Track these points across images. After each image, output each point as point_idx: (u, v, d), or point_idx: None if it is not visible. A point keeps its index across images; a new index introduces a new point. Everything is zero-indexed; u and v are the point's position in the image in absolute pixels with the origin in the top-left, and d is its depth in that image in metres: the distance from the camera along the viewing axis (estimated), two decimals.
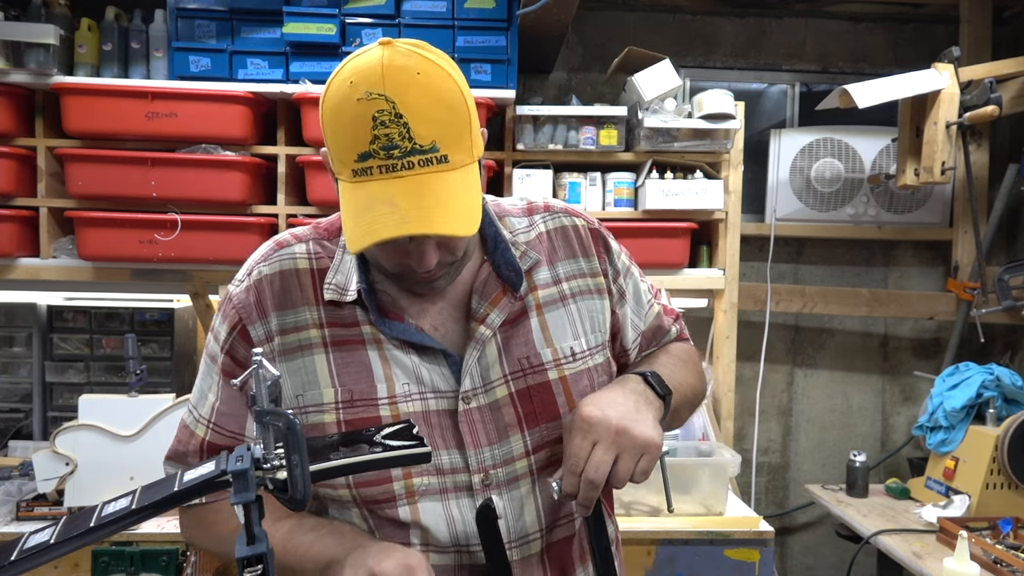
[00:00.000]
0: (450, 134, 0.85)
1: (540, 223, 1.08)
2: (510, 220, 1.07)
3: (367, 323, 0.98)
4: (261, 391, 0.71)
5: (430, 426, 0.97)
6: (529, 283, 1.03)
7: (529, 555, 1.00)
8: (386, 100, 0.83)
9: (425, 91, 0.84)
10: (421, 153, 0.84)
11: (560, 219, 1.09)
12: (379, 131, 0.83)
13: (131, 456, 2.02)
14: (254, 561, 0.68)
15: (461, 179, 0.87)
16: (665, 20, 3.04)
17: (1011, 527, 2.12)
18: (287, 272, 1.00)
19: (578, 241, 1.09)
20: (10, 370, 2.70)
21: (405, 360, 0.97)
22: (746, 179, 2.64)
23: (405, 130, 0.83)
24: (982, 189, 2.99)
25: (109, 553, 1.93)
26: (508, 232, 1.05)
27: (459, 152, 0.87)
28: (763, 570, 2.09)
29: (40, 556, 0.66)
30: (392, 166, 0.84)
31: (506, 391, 0.99)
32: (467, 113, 0.88)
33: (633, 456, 0.91)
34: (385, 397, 0.96)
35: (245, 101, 2.28)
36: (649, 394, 0.99)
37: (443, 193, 0.85)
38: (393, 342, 0.98)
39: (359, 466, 0.78)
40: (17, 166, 2.28)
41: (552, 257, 1.06)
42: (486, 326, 0.99)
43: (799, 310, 3.05)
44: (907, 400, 3.21)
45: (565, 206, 1.12)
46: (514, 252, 1.02)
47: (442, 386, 0.98)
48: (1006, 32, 3.03)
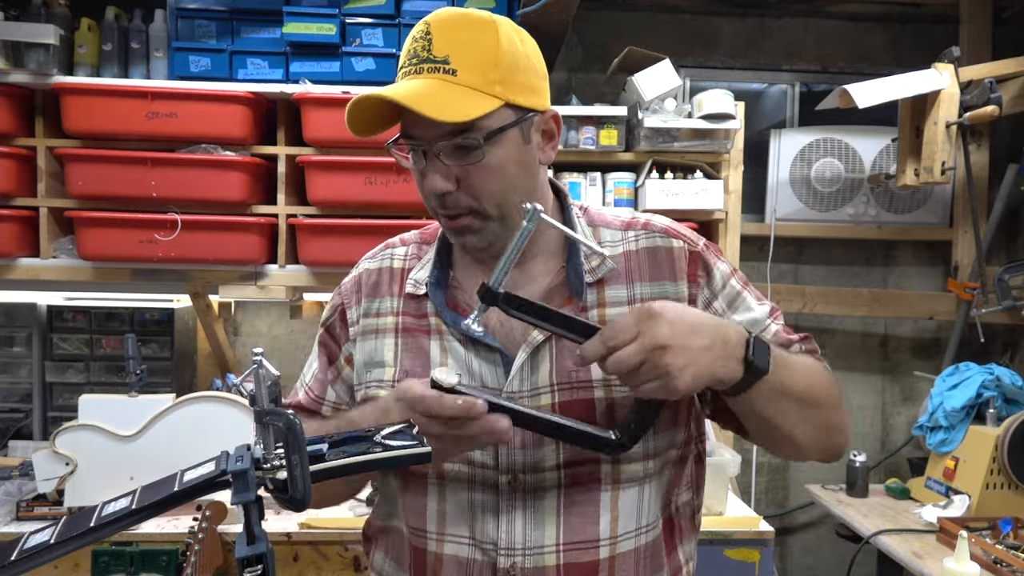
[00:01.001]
0: (468, 56, 0.94)
1: (632, 240, 1.06)
2: (604, 231, 1.08)
3: (435, 315, 1.05)
4: (261, 391, 0.71)
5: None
6: (599, 297, 1.02)
7: (542, 566, 0.99)
8: (425, 23, 0.96)
9: (459, 19, 0.96)
10: (432, 62, 0.94)
11: (655, 239, 1.06)
12: (411, 46, 0.97)
13: (131, 456, 2.02)
14: (254, 561, 0.68)
15: (462, 93, 0.93)
16: (665, 20, 3.04)
17: (1011, 527, 2.12)
18: (384, 268, 1.12)
19: (668, 263, 1.04)
20: (10, 370, 2.70)
21: (460, 352, 1.02)
22: (746, 179, 2.64)
23: (427, 43, 0.95)
24: (982, 189, 2.99)
25: (109, 553, 1.93)
26: (595, 241, 1.05)
27: (472, 74, 0.93)
28: (763, 570, 2.09)
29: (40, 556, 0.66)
30: (410, 71, 0.95)
31: (550, 400, 0.99)
32: (495, 52, 0.94)
33: (651, 374, 0.85)
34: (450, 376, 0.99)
35: (245, 101, 2.28)
36: (734, 354, 0.89)
37: (434, 90, 0.92)
38: (454, 334, 1.03)
39: (359, 466, 0.78)
40: (17, 166, 2.28)
41: (633, 276, 1.04)
42: (541, 331, 0.99)
43: (799, 310, 3.05)
44: (907, 400, 3.21)
45: (667, 226, 1.08)
46: (585, 261, 1.02)
47: (491, 382, 1.00)
48: (1006, 32, 3.03)
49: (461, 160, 0.95)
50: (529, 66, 0.98)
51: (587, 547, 0.99)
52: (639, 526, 1.02)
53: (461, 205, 0.97)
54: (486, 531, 0.99)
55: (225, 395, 2.08)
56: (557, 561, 0.99)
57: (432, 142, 0.95)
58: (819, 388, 1.00)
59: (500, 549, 0.98)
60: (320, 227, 2.31)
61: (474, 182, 0.96)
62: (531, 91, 0.98)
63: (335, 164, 2.29)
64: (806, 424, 0.99)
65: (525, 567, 0.98)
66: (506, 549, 0.98)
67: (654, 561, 1.04)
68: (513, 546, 0.98)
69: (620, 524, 1.00)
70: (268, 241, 2.36)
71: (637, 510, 1.01)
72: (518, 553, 0.98)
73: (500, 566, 0.98)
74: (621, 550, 1.00)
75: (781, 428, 0.98)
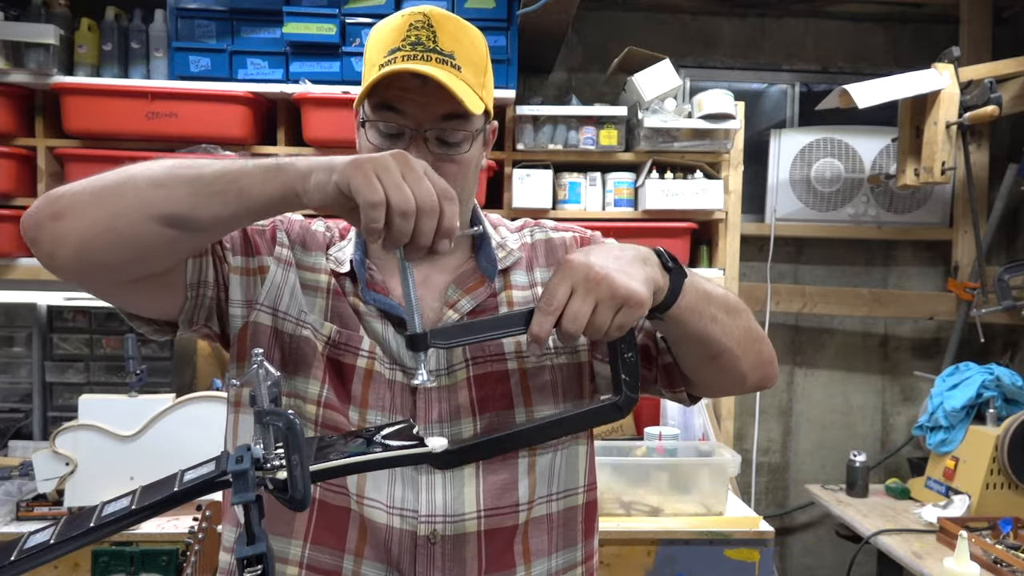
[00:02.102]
0: (468, 58, 0.97)
1: (528, 235, 1.14)
2: (502, 229, 1.14)
3: (354, 294, 1.05)
4: (261, 391, 0.71)
5: (393, 394, 1.01)
6: (505, 281, 1.08)
7: (463, 533, 1.00)
8: (423, 14, 0.97)
9: (456, 20, 0.99)
10: (440, 54, 0.95)
11: (547, 233, 1.14)
12: (411, 33, 0.96)
13: (131, 456, 2.02)
14: (254, 561, 0.68)
15: (467, 89, 0.95)
16: (665, 20, 3.04)
17: (1011, 527, 2.12)
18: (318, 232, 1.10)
19: (562, 249, 1.12)
20: (10, 370, 2.70)
21: (379, 331, 1.02)
22: (746, 179, 2.64)
23: (432, 35, 0.95)
24: (982, 189, 2.99)
25: (109, 553, 1.92)
26: (498, 236, 1.12)
27: (471, 75, 0.97)
28: (763, 570, 2.09)
29: (40, 556, 0.66)
30: (414, 56, 0.94)
31: (465, 374, 1.02)
32: (485, 60, 1.00)
33: (611, 308, 0.86)
34: (366, 350, 1.01)
35: (245, 101, 2.28)
36: (653, 260, 0.92)
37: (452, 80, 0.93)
38: (372, 313, 1.03)
39: (359, 466, 0.79)
40: (17, 166, 2.28)
41: (532, 264, 1.11)
42: (455, 311, 1.03)
43: (799, 310, 3.06)
44: (907, 400, 3.21)
45: (557, 224, 1.17)
46: (496, 251, 1.08)
47: (408, 362, 1.02)
48: (1006, 32, 3.03)
49: (446, 150, 0.98)
50: (493, 78, 1.05)
51: (507, 512, 1.02)
52: (551, 492, 1.05)
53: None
54: (406, 498, 0.99)
55: (225, 395, 2.08)
56: (478, 527, 1.00)
57: (422, 124, 0.96)
58: (733, 297, 1.05)
59: (421, 517, 0.98)
60: None
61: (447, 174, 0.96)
62: (491, 100, 1.04)
63: None
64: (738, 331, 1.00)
65: (446, 534, 0.99)
66: (427, 516, 0.98)
67: (567, 531, 1.07)
68: (434, 513, 0.99)
69: (537, 489, 1.03)
70: None
71: (550, 476, 1.05)
72: (438, 520, 0.99)
73: (420, 533, 0.98)
74: (535, 514, 1.03)
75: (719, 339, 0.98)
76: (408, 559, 0.98)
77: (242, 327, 1.02)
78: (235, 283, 1.01)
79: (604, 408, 0.93)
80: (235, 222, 0.87)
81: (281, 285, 1.03)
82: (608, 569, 2.06)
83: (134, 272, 0.89)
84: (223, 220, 0.84)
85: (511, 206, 2.46)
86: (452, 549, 0.99)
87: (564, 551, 1.07)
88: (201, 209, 0.82)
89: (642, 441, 2.32)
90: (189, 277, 0.97)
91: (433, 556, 0.99)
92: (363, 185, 0.78)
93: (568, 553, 1.08)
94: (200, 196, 0.82)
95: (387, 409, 1.01)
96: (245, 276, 1.02)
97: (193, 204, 0.82)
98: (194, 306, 0.99)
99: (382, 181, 0.78)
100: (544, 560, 1.05)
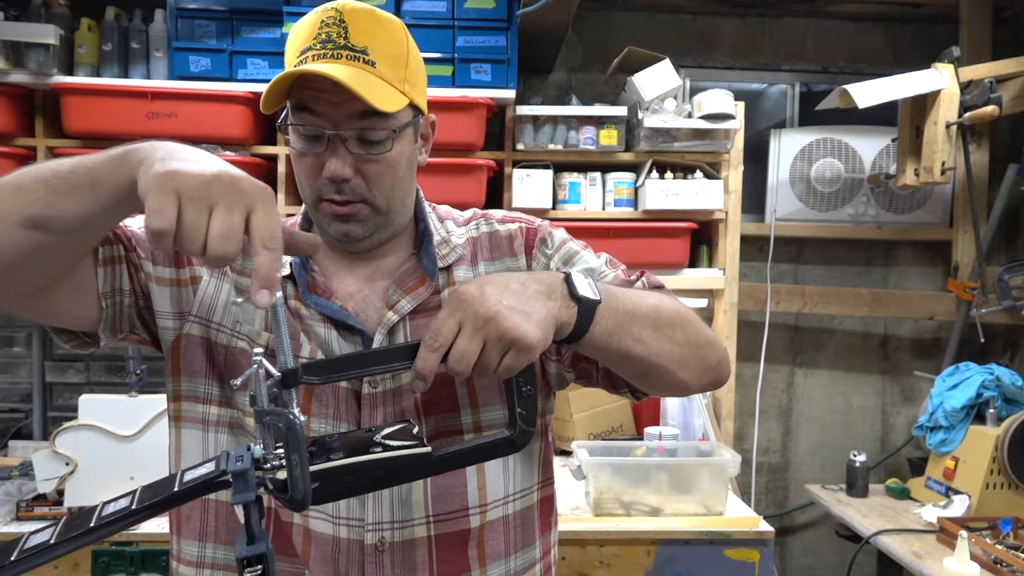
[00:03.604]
0: (384, 52, 0.96)
1: (474, 228, 1.12)
2: (449, 223, 1.13)
3: (294, 298, 1.03)
4: (261, 391, 0.71)
5: (337, 400, 0.99)
6: (448, 278, 1.06)
7: (412, 539, 0.99)
8: (335, 10, 0.96)
9: (370, 13, 0.97)
10: (352, 50, 0.94)
11: (493, 225, 1.12)
12: (321, 31, 0.95)
13: (131, 456, 2.02)
14: (254, 561, 0.68)
15: (383, 85, 0.94)
16: (665, 20, 3.04)
17: (1011, 527, 2.12)
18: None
19: (508, 242, 1.10)
20: (10, 370, 2.70)
21: (321, 332, 1.01)
22: (746, 179, 2.64)
23: (344, 31, 0.95)
24: (982, 189, 2.99)
25: (109, 553, 1.93)
26: (444, 232, 1.10)
27: (387, 68, 0.96)
28: (763, 570, 2.09)
29: (40, 556, 0.66)
30: (324, 55, 0.94)
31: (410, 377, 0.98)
32: (405, 51, 0.98)
33: (499, 349, 0.80)
34: (306, 357, 1.00)
35: (245, 101, 2.28)
36: (558, 291, 0.86)
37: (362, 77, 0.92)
38: (315, 317, 1.02)
39: (359, 466, 0.78)
40: (17, 166, 2.27)
41: (476, 259, 1.09)
42: (395, 312, 1.02)
43: (799, 310, 3.06)
44: (907, 400, 3.21)
45: (505, 215, 1.14)
46: (437, 248, 1.07)
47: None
48: (1006, 32, 3.03)
49: (366, 150, 0.96)
50: (423, 70, 1.04)
51: (458, 516, 1.01)
52: (507, 494, 1.04)
53: (356, 192, 0.98)
54: (351, 507, 0.97)
55: None
56: (428, 532, 0.99)
57: (339, 126, 0.95)
58: (667, 309, 0.96)
59: (368, 525, 0.97)
60: None
61: (372, 174, 0.97)
62: (423, 94, 1.03)
63: None
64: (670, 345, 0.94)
65: (394, 541, 0.98)
66: (373, 524, 0.97)
67: (525, 531, 1.06)
68: (381, 520, 0.97)
69: (488, 492, 1.02)
70: None
71: (504, 478, 1.04)
72: (386, 527, 0.97)
73: (368, 542, 0.97)
74: (490, 518, 1.02)
75: (645, 358, 0.93)
76: (356, 569, 0.97)
77: (174, 340, 1.00)
78: (164, 294, 0.99)
79: (498, 443, 0.88)
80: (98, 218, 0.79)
81: (214, 295, 1.01)
82: (608, 569, 2.06)
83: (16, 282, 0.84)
84: (83, 216, 0.78)
85: (511, 206, 2.46)
86: (401, 556, 0.98)
87: (522, 551, 1.06)
88: (58, 207, 0.77)
89: (642, 441, 2.32)
90: (101, 286, 0.93)
91: (382, 564, 0.97)
92: (154, 208, 0.69)
93: (526, 553, 1.07)
94: (57, 194, 0.78)
95: (331, 417, 0.99)
96: (175, 287, 0.99)
97: (49, 203, 0.78)
98: (113, 315, 0.96)
99: (182, 208, 0.69)
100: (501, 563, 1.04)
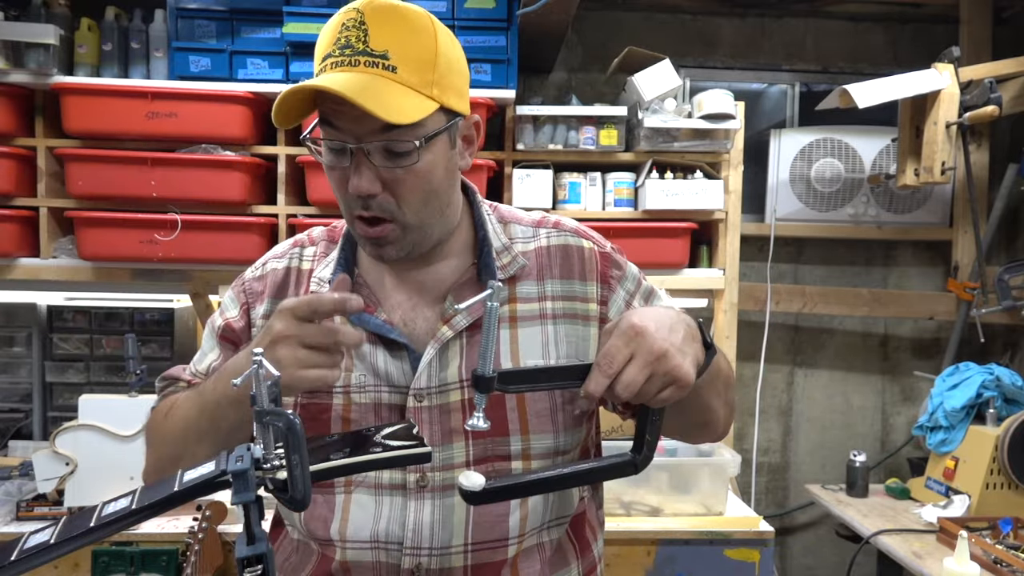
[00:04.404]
0: (407, 54, 0.90)
1: (544, 237, 1.06)
2: (514, 227, 1.07)
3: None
4: (261, 391, 0.71)
5: (379, 419, 0.98)
6: (510, 293, 1.02)
7: (449, 567, 0.97)
8: (357, 11, 0.90)
9: (394, 11, 0.91)
10: (370, 56, 0.89)
11: (566, 237, 1.06)
12: (342, 35, 0.90)
13: (131, 456, 2.02)
14: (254, 561, 0.68)
15: (403, 92, 0.89)
16: (665, 20, 3.04)
17: (1011, 527, 2.12)
18: (292, 268, 1.08)
19: (579, 262, 1.05)
20: (10, 370, 2.70)
21: (365, 351, 1.00)
22: (746, 179, 2.64)
23: (363, 34, 0.89)
24: (982, 189, 2.99)
25: (109, 553, 1.93)
26: (506, 238, 1.05)
27: (411, 72, 0.90)
28: (763, 570, 2.09)
29: (40, 556, 0.66)
30: (342, 62, 0.89)
31: (459, 396, 0.98)
32: (433, 51, 0.91)
33: (661, 383, 0.85)
34: (340, 386, 0.99)
35: (245, 101, 2.28)
36: (698, 336, 0.90)
37: (378, 88, 0.87)
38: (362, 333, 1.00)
39: (359, 466, 0.78)
40: (17, 166, 2.28)
41: (544, 273, 1.04)
42: (450, 327, 0.98)
43: (799, 310, 3.05)
44: (907, 400, 3.21)
45: (577, 227, 1.09)
46: (498, 258, 1.02)
47: (398, 380, 0.99)
48: (1006, 32, 3.03)
49: (392, 162, 0.91)
50: (461, 69, 0.96)
51: (496, 546, 0.99)
52: (544, 522, 1.02)
53: (384, 209, 0.93)
54: (391, 532, 0.97)
55: None
56: (465, 562, 0.98)
57: (362, 139, 0.90)
58: (728, 370, 1.06)
59: (405, 549, 0.96)
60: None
61: (401, 186, 0.92)
62: (460, 95, 0.96)
63: None
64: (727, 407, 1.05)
65: (431, 568, 0.96)
66: (411, 549, 0.96)
67: (558, 556, 1.05)
68: (419, 546, 0.96)
69: (529, 521, 1.00)
70: (268, 241, 2.36)
71: (544, 506, 1.01)
72: (424, 553, 0.96)
73: (404, 566, 0.96)
74: (526, 545, 1.01)
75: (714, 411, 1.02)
76: None
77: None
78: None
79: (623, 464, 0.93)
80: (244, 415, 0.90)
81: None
82: (608, 569, 2.06)
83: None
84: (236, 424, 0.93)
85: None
86: None
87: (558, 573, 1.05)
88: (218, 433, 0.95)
89: None
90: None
91: None
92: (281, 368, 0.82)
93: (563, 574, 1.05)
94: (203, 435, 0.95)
95: None
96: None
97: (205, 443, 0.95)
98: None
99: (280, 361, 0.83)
100: None
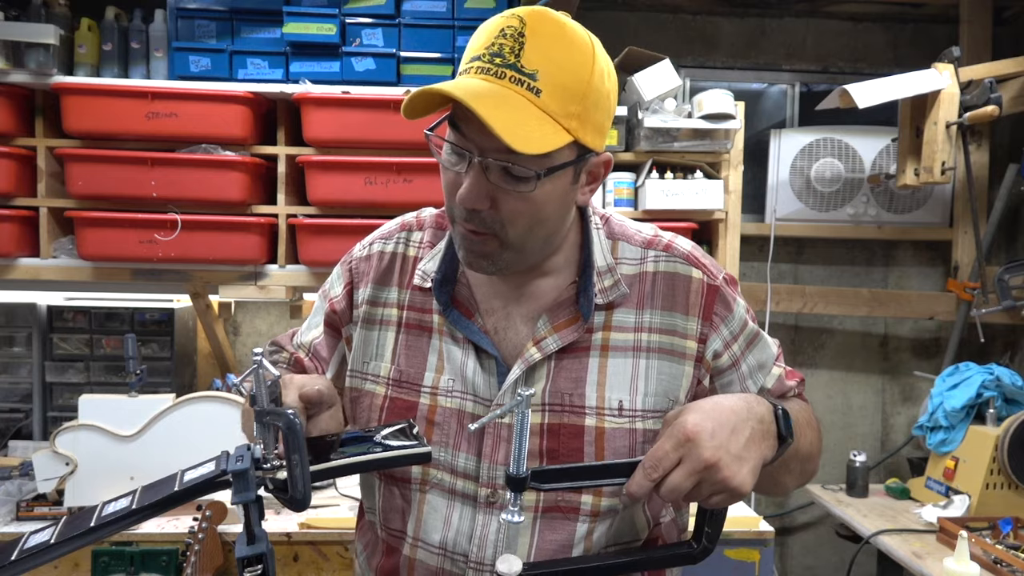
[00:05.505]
0: (556, 79, 0.84)
1: (652, 260, 1.00)
2: (623, 246, 1.02)
3: (438, 312, 1.01)
4: (261, 391, 0.71)
5: (461, 425, 0.98)
6: (606, 319, 0.97)
7: None
8: (520, 20, 0.86)
9: (558, 30, 0.86)
10: (518, 72, 0.84)
11: (675, 264, 1.00)
12: (497, 40, 0.86)
13: (131, 456, 2.02)
14: (254, 561, 0.68)
15: (540, 118, 0.84)
16: (665, 20, 3.04)
17: (1011, 527, 2.12)
18: (398, 254, 1.08)
19: (684, 295, 0.98)
20: (10, 370, 2.70)
21: (457, 355, 0.99)
22: (746, 179, 2.64)
23: (518, 47, 0.84)
24: (982, 189, 2.99)
25: (109, 553, 1.93)
26: (612, 258, 1.00)
27: (555, 100, 0.84)
28: (763, 570, 2.08)
29: (40, 556, 0.67)
30: (488, 69, 0.85)
31: (540, 419, 0.96)
32: (587, 81, 0.86)
33: (711, 490, 0.82)
34: (429, 386, 1.00)
35: (245, 101, 2.28)
36: (771, 430, 0.87)
37: (515, 108, 0.82)
38: (454, 335, 1.00)
39: (359, 466, 0.78)
40: (17, 166, 2.27)
41: (644, 302, 0.98)
42: (539, 349, 0.96)
43: (799, 310, 3.05)
44: (907, 400, 3.21)
45: (690, 252, 1.01)
46: (599, 280, 0.98)
47: (483, 392, 0.98)
48: (1006, 32, 3.03)
49: (508, 184, 0.87)
50: (608, 107, 0.91)
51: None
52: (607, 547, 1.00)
53: (488, 225, 0.90)
54: (458, 542, 0.97)
55: (225, 395, 2.08)
56: None
57: (484, 153, 0.86)
58: (812, 443, 1.03)
59: (470, 562, 0.96)
60: (320, 227, 2.31)
61: (510, 209, 0.88)
62: (599, 131, 0.90)
63: (335, 164, 2.29)
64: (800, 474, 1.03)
65: None
66: (476, 563, 0.96)
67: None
68: (483, 561, 0.96)
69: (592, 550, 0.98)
70: (268, 241, 2.36)
71: (607, 536, 0.99)
72: (487, 570, 0.96)
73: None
74: None
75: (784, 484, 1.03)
76: None
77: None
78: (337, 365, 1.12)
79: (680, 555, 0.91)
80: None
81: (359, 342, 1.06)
82: None
83: None
84: None
85: None
86: None
87: None
88: None
89: None
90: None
91: None
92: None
93: None
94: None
95: (450, 445, 0.97)
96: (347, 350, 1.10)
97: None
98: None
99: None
100: None
